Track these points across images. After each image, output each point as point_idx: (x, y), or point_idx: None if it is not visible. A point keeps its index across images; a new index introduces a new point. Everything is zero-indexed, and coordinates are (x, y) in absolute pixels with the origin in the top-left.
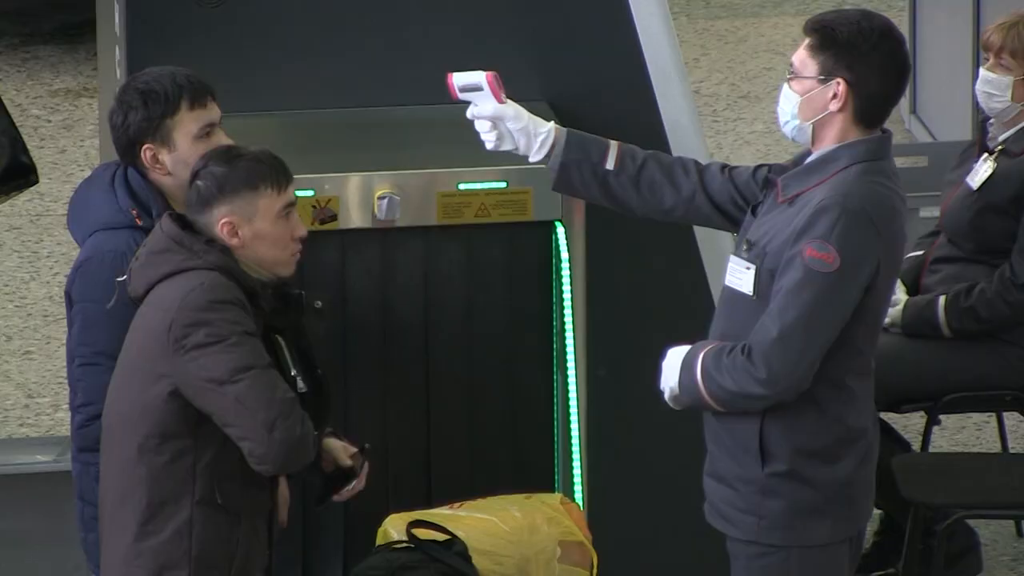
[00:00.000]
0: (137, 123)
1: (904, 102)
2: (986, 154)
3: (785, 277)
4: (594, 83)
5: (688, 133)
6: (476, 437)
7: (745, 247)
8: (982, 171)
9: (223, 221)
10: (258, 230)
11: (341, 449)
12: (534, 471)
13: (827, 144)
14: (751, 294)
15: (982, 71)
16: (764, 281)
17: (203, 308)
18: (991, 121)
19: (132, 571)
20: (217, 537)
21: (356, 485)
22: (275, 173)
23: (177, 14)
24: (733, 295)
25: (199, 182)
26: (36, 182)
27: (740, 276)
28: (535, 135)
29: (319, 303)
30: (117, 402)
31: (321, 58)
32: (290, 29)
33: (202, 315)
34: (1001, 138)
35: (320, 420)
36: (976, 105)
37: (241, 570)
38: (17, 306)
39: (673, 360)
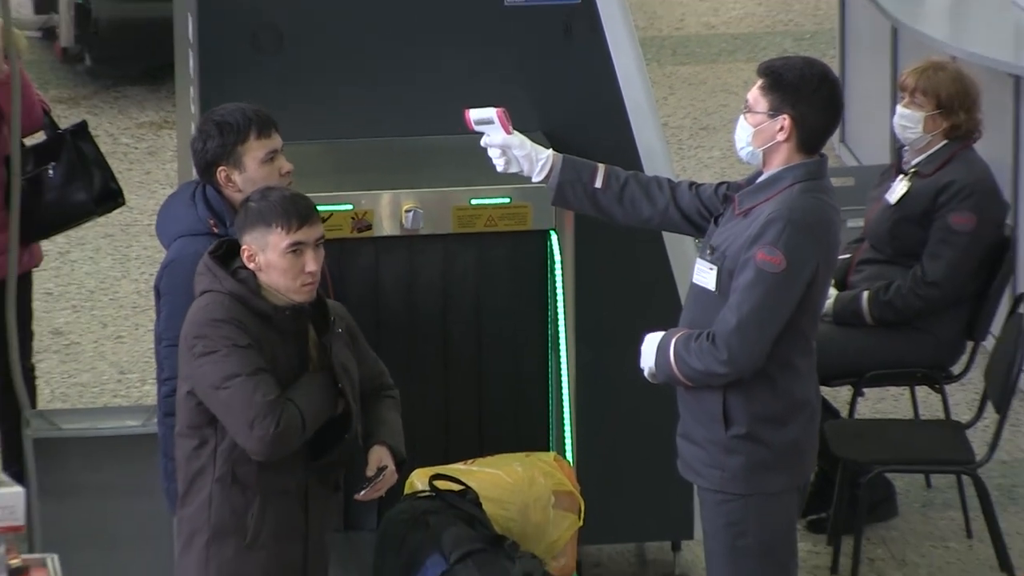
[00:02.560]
0: (214, 149)
1: (837, 134)
2: (902, 175)
3: (741, 276)
4: (582, 116)
5: (658, 157)
6: (485, 407)
7: (709, 251)
8: (898, 189)
9: (244, 248)
10: (269, 260)
11: (373, 459)
12: (532, 435)
13: (775, 166)
14: (714, 290)
15: (899, 108)
16: (724, 280)
17: (203, 324)
18: (906, 148)
19: (180, 534)
20: (232, 511)
21: (372, 491)
22: (287, 215)
23: (241, 60)
24: (699, 291)
25: (239, 212)
26: (123, 203)
27: (705, 275)
28: (536, 160)
29: (340, 329)
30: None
31: (359, 97)
32: (333, 74)
33: (202, 329)
34: (914, 162)
35: (342, 427)
36: (893, 135)
37: (261, 538)
38: (111, 299)
39: (649, 344)
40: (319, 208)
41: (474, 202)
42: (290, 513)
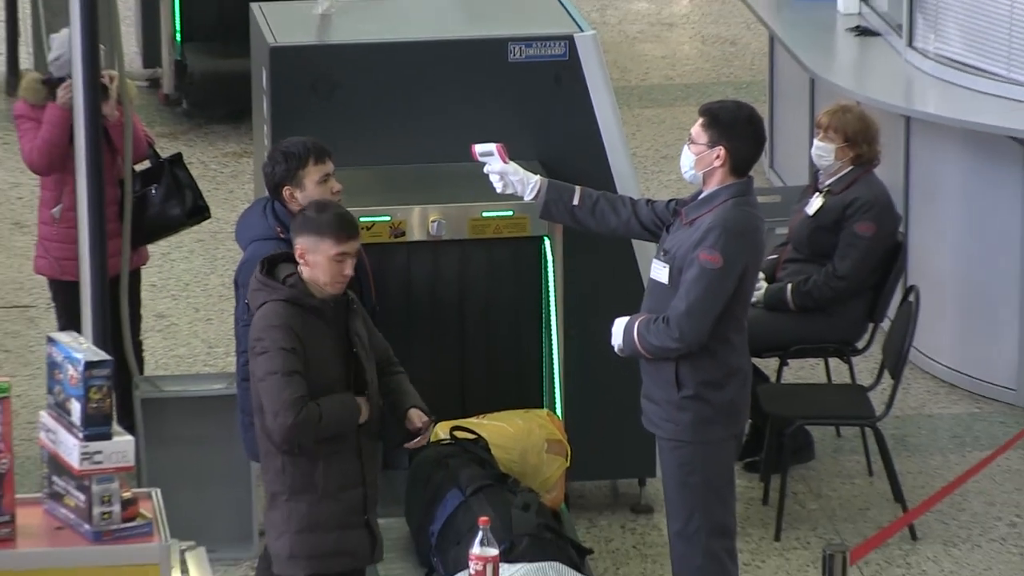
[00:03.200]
0: (281, 172)
1: (765, 159)
2: (818, 193)
3: (688, 272)
4: (569, 148)
5: (628, 180)
6: (493, 375)
7: (662, 253)
8: (815, 204)
9: (298, 247)
10: (318, 261)
11: (416, 417)
12: (530, 396)
13: (712, 186)
14: (667, 283)
15: (816, 141)
16: (675, 275)
17: (262, 329)
18: (821, 172)
19: (265, 494)
20: (302, 474)
21: (420, 441)
22: (339, 230)
23: (303, 103)
24: (655, 284)
25: (297, 215)
26: (210, 217)
27: (659, 272)
28: (527, 183)
29: (355, 307)
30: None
31: (394, 132)
32: (374, 115)
33: (261, 333)
34: (827, 183)
35: (359, 388)
36: (811, 162)
37: (329, 491)
38: (202, 290)
39: (618, 326)
40: (364, 219)
41: (485, 214)
42: (349, 466)
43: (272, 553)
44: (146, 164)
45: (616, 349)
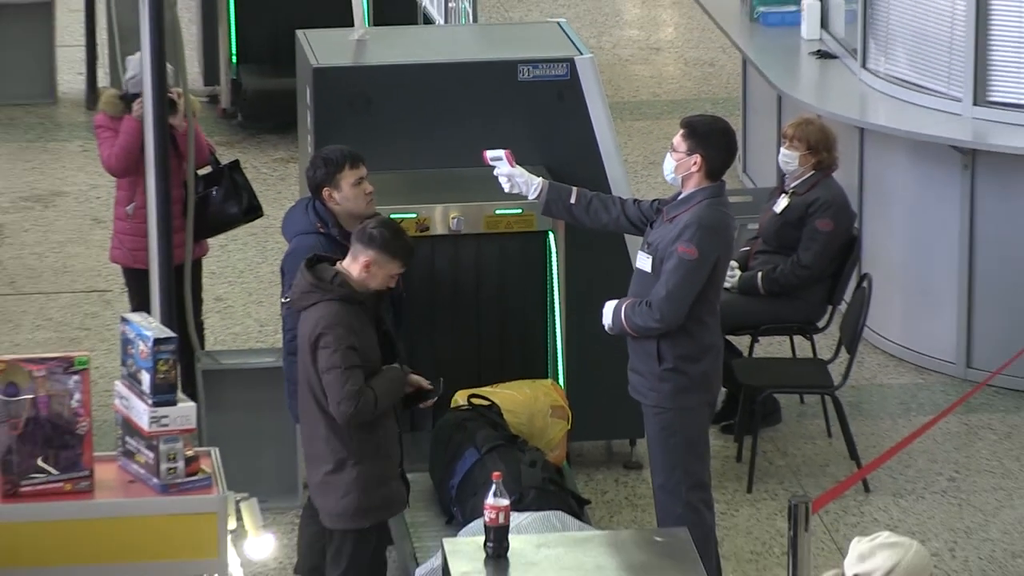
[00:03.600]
0: (321, 176)
1: (739, 164)
2: (784, 194)
3: (668, 263)
4: (570, 155)
5: (621, 183)
6: (505, 350)
7: (646, 245)
8: (781, 203)
9: (367, 261)
10: (378, 274)
11: (423, 381)
12: (537, 368)
13: (690, 188)
14: (650, 272)
15: (782, 149)
16: (657, 265)
17: (324, 327)
18: (787, 176)
19: (325, 460)
20: (365, 441)
21: (430, 402)
22: (406, 257)
23: (341, 115)
24: (640, 273)
25: (374, 230)
26: (263, 214)
27: (644, 262)
28: (531, 185)
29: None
30: (303, 366)
31: (419, 141)
32: (402, 126)
33: (323, 331)
34: (792, 185)
35: (392, 359)
36: (779, 167)
37: (384, 453)
38: (254, 276)
39: (608, 308)
40: (394, 216)
41: (498, 211)
42: (392, 428)
43: (335, 512)
44: (208, 169)
45: (606, 328)
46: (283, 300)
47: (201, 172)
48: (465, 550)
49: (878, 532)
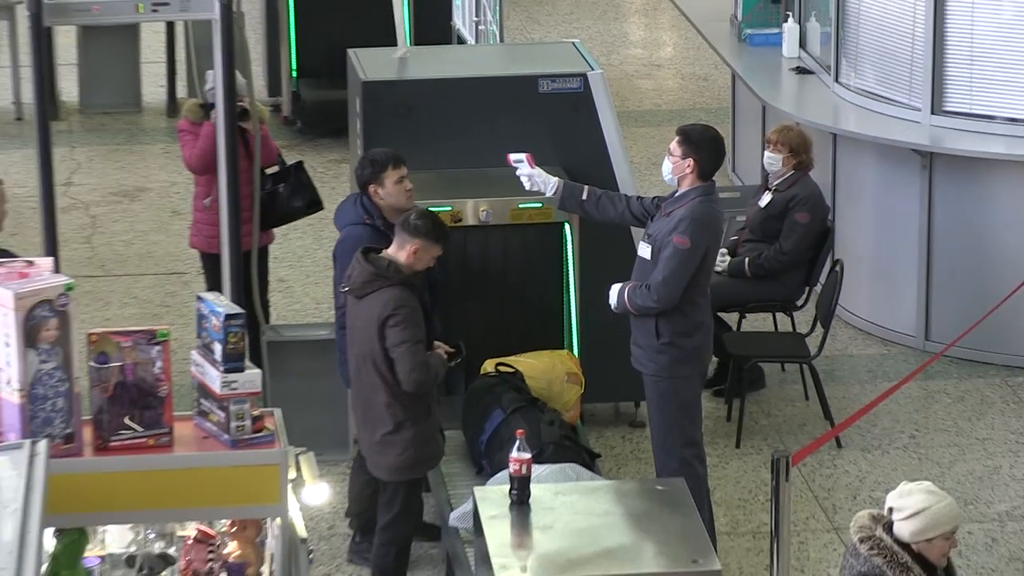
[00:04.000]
0: (367, 174)
1: (729, 165)
2: (768, 190)
3: (665, 252)
4: (584, 157)
5: (627, 182)
6: (527, 324)
7: (647, 236)
8: (765, 199)
9: (415, 248)
10: (424, 257)
11: (446, 347)
12: (554, 340)
13: (684, 187)
14: (649, 259)
15: (766, 152)
16: (655, 253)
17: (393, 308)
18: (770, 175)
19: (383, 423)
20: (420, 405)
21: (457, 361)
22: (446, 242)
23: (386, 122)
24: (641, 260)
25: (417, 221)
26: (322, 208)
27: (644, 251)
28: (548, 183)
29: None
30: (366, 344)
31: (453, 145)
32: (438, 131)
33: (392, 311)
34: (774, 183)
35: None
36: (763, 167)
37: (432, 414)
38: (311, 261)
39: (613, 290)
40: (431, 209)
41: (521, 205)
42: (434, 392)
43: (394, 467)
44: (276, 168)
45: (612, 307)
46: (342, 289)
47: (270, 171)
48: (493, 497)
49: (925, 481)
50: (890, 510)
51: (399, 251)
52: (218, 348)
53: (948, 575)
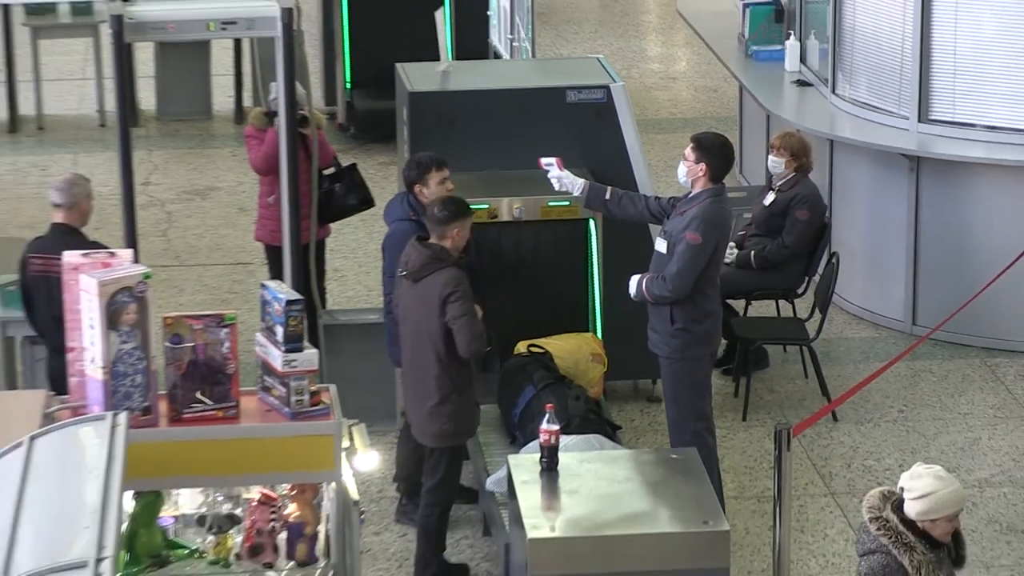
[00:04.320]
0: (414, 175)
1: (737, 168)
2: (771, 190)
3: (678, 247)
4: (607, 160)
5: (645, 183)
6: (556, 310)
7: (663, 233)
8: (769, 198)
9: (456, 231)
10: (463, 235)
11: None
12: (580, 324)
13: (697, 189)
14: (665, 253)
15: (770, 156)
16: (671, 248)
17: (452, 287)
18: (773, 176)
19: (435, 394)
20: (465, 376)
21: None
22: (468, 209)
23: (430, 129)
24: (657, 254)
25: (443, 211)
26: (374, 205)
27: (661, 245)
28: (575, 184)
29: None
30: (422, 321)
31: (491, 149)
32: (478, 137)
33: (452, 289)
34: (778, 184)
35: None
36: (767, 169)
37: (473, 385)
38: (364, 252)
39: (632, 281)
40: (472, 207)
41: (550, 204)
42: (473, 371)
43: (440, 435)
44: (332, 169)
45: (631, 296)
46: (400, 273)
47: (327, 172)
48: (525, 464)
49: (936, 465)
50: (901, 489)
51: (443, 240)
52: (280, 330)
53: (956, 543)
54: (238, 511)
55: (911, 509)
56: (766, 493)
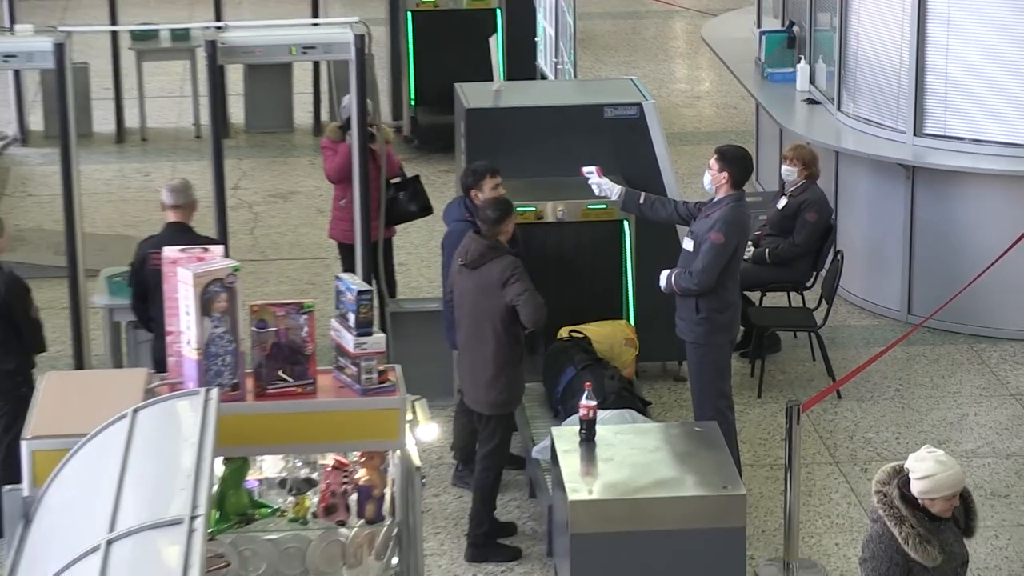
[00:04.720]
0: (470, 181)
1: (754, 176)
2: (784, 196)
3: (703, 246)
4: (640, 169)
5: (673, 189)
6: (594, 300)
7: (690, 233)
8: (782, 202)
9: (507, 227)
10: (511, 228)
11: None
12: (615, 312)
13: (720, 194)
14: (692, 251)
15: (783, 166)
16: (696, 247)
17: (513, 269)
18: (786, 184)
19: (489, 367)
20: (516, 349)
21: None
22: (511, 206)
23: (485, 141)
24: (685, 252)
25: (495, 212)
26: (432, 212)
27: (688, 244)
28: (613, 190)
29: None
30: (481, 304)
31: (537, 158)
32: (525, 147)
33: (513, 271)
34: (789, 190)
35: None
36: (780, 177)
37: (523, 359)
38: (426, 249)
39: (663, 275)
40: (519, 209)
41: (589, 206)
42: (523, 348)
43: (495, 403)
44: (398, 179)
45: (661, 288)
46: (459, 262)
47: (393, 181)
48: (566, 435)
49: (939, 451)
50: (907, 469)
51: (497, 235)
52: (352, 317)
53: (967, 515)
54: (315, 475)
55: (914, 488)
56: (778, 462)
